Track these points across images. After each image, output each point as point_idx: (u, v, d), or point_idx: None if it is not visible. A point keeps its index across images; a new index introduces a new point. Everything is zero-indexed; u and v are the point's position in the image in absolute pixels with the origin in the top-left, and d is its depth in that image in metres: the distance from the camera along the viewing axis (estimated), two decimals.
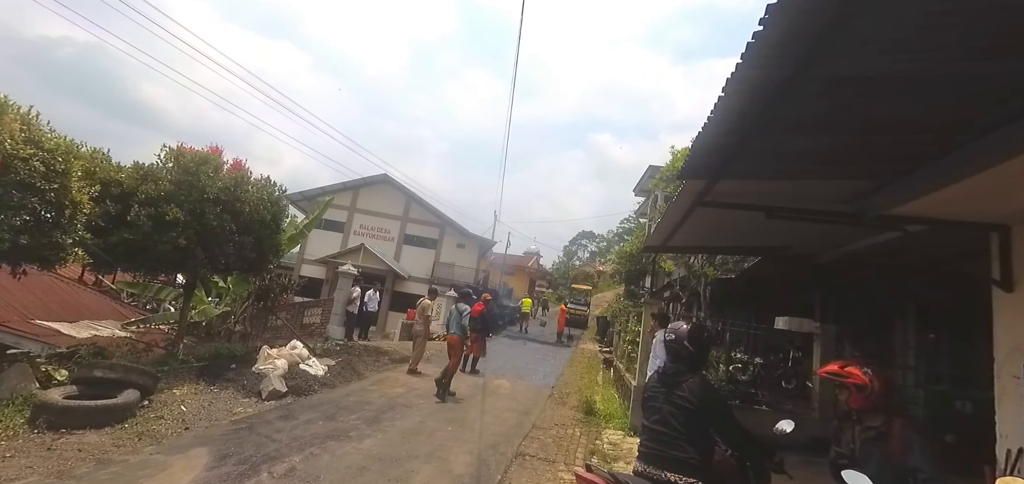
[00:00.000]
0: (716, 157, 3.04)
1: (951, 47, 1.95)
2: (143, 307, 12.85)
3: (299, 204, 24.82)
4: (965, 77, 2.14)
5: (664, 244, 6.93)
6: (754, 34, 1.86)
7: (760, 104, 2.31)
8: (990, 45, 1.92)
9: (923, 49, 1.96)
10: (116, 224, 6.40)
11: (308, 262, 25.18)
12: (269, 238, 8.22)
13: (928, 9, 1.75)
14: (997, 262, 2.94)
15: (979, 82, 2.18)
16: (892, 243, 4.49)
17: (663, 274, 14.43)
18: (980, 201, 2.76)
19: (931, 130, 2.60)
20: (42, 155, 4.83)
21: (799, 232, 5.34)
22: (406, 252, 27.02)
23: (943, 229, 3.25)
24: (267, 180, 8.30)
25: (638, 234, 20.69)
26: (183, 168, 7.02)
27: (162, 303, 12.74)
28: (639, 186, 22.94)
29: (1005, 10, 1.74)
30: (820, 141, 2.96)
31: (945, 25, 1.82)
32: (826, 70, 2.09)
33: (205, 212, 6.83)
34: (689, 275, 10.89)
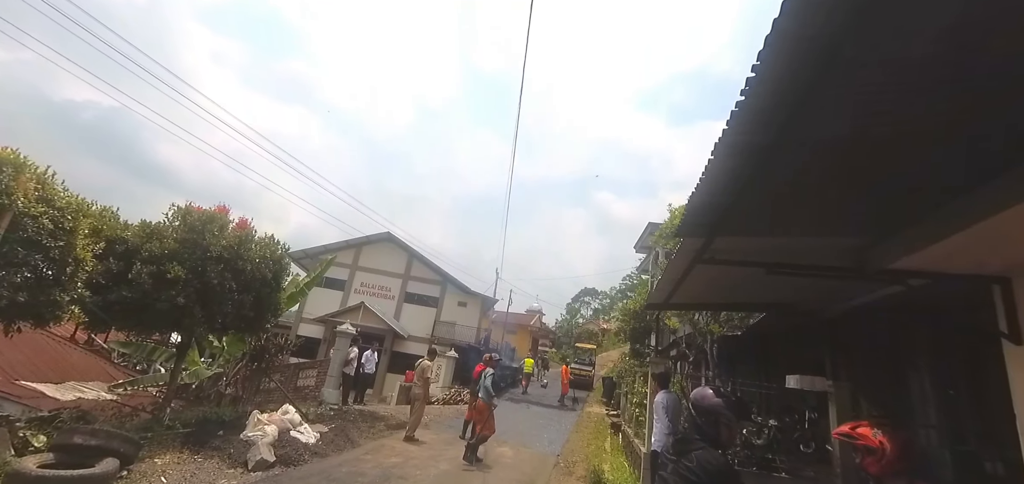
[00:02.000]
0: (711, 215, 3.09)
1: (926, 108, 2.04)
2: (133, 368, 12.60)
3: (301, 262, 24.96)
4: (945, 135, 2.21)
5: (667, 301, 6.86)
6: (737, 103, 1.95)
7: (749, 166, 2.38)
8: (961, 107, 2.00)
9: (901, 111, 2.05)
10: (116, 282, 6.41)
11: (307, 321, 24.91)
12: (269, 296, 8.18)
13: (899, 77, 1.85)
14: (1003, 315, 2.90)
15: (959, 140, 2.25)
16: (898, 297, 4.45)
17: (668, 331, 14.17)
18: (977, 254, 2.77)
19: (920, 185, 2.65)
20: (52, 213, 4.94)
21: (802, 288, 5.30)
22: (406, 310, 26.78)
23: (945, 282, 3.23)
24: (271, 238, 8.40)
25: (641, 290, 20.55)
26: (189, 226, 7.13)
27: (153, 364, 12.49)
28: (640, 243, 23.09)
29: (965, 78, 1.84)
30: (812, 199, 3.01)
31: (917, 89, 1.91)
32: (809, 133, 2.17)
33: (207, 270, 6.86)
34: (694, 332, 10.70)
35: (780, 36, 1.77)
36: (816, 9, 1.66)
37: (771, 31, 1.79)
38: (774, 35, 1.79)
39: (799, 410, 8.69)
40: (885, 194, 2.88)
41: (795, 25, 1.73)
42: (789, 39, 1.77)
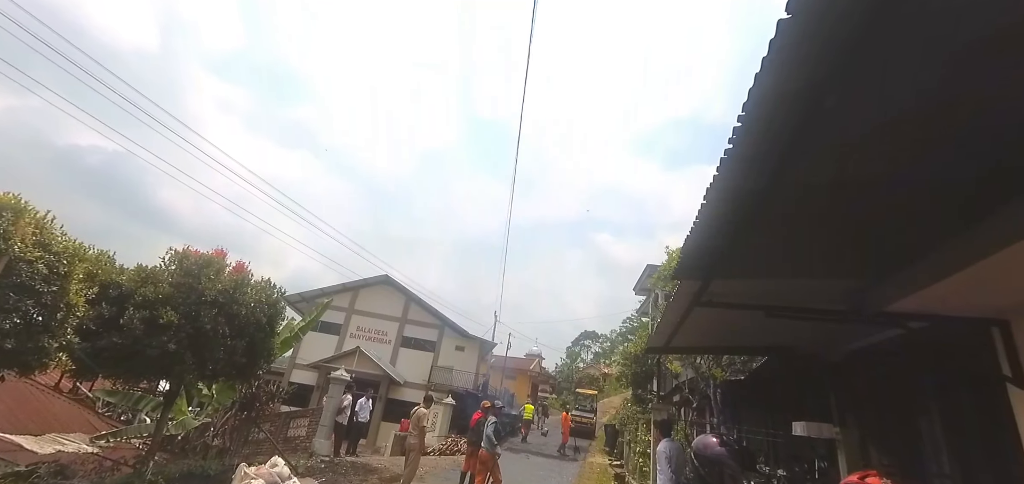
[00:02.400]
0: (707, 258, 3.11)
1: (912, 150, 2.10)
2: (118, 418, 12.20)
3: (297, 306, 24.71)
4: (930, 179, 2.26)
5: (667, 345, 6.77)
6: (725, 151, 2.00)
7: (741, 210, 2.42)
8: (943, 153, 2.06)
9: (884, 157, 2.11)
10: (107, 327, 6.31)
11: (300, 367, 24.39)
12: (263, 341, 8.05)
13: (880, 127, 1.92)
14: (1005, 358, 2.86)
15: (946, 183, 2.30)
16: (899, 339, 4.40)
17: (670, 376, 13.90)
18: (973, 296, 2.77)
19: (911, 228, 2.68)
20: (48, 258, 4.93)
21: (802, 330, 5.26)
22: (403, 355, 26.29)
23: (944, 325, 3.21)
24: (267, 282, 8.35)
25: (641, 333, 20.29)
26: (185, 270, 7.10)
27: (139, 414, 12.10)
28: (639, 285, 23.02)
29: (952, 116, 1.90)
30: (806, 241, 3.04)
31: (898, 138, 1.97)
32: (797, 178, 2.22)
33: (200, 315, 6.77)
34: (697, 377, 10.49)
35: (762, 89, 1.84)
36: (794, 66, 1.73)
37: (754, 84, 1.87)
38: (756, 88, 1.87)
39: (808, 458, 8.38)
40: (878, 236, 2.91)
41: (775, 79, 1.80)
42: (770, 92, 1.84)
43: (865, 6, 1.50)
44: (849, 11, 1.53)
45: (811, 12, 1.56)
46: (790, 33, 1.66)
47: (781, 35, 1.68)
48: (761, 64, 1.80)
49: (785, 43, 1.69)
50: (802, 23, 1.60)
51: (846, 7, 1.52)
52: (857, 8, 1.52)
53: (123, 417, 12.35)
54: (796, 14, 1.59)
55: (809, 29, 1.61)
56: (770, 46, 1.73)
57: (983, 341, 3.06)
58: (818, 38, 1.64)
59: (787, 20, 1.64)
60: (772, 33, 1.67)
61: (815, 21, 1.59)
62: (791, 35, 1.66)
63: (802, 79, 1.78)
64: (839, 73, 1.73)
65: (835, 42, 1.63)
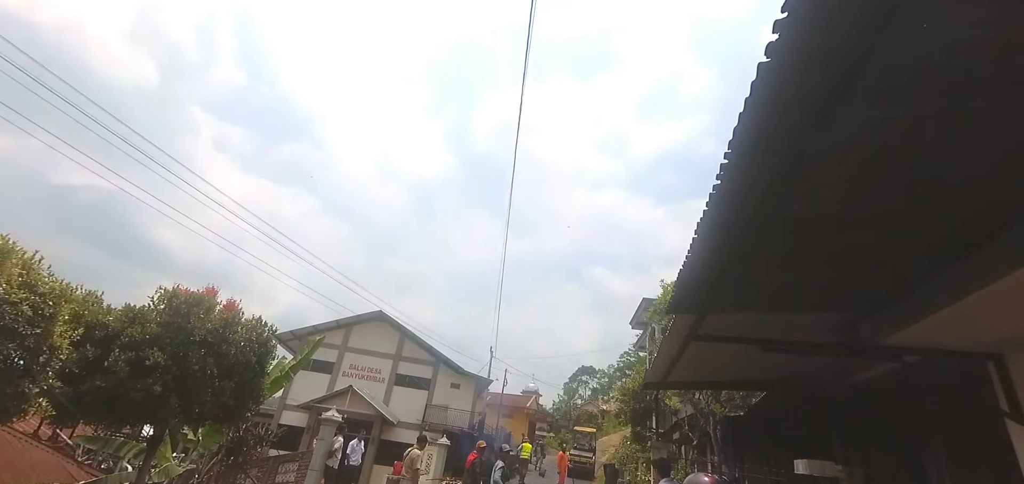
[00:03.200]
0: (701, 292, 3.11)
1: (897, 186, 2.14)
2: (98, 466, 11.70)
3: (289, 344, 24.24)
4: (913, 216, 2.30)
5: (664, 380, 6.67)
6: (714, 186, 2.04)
7: (732, 243, 2.44)
8: (922, 192, 2.11)
9: (872, 188, 2.15)
10: (91, 370, 6.13)
11: (290, 408, 23.68)
12: (252, 382, 7.84)
13: (859, 167, 1.97)
14: (1002, 393, 2.83)
15: (935, 217, 2.34)
16: (899, 374, 4.36)
17: (669, 412, 13.64)
18: (964, 330, 2.76)
19: (901, 262, 2.71)
20: (33, 299, 4.83)
21: (801, 364, 5.21)
22: (397, 394, 25.66)
23: (940, 359, 3.19)
24: (258, 320, 8.21)
25: (639, 369, 20.01)
26: (174, 310, 6.98)
27: (120, 461, 11.62)
28: (635, 319, 22.90)
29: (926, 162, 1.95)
30: (799, 275, 3.06)
31: (883, 168, 2.02)
32: (785, 211, 2.25)
33: (188, 355, 6.61)
34: (697, 413, 10.30)
35: (745, 127, 1.89)
36: (776, 106, 1.79)
37: (738, 122, 1.92)
38: (740, 126, 1.92)
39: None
40: (869, 270, 2.93)
41: (758, 118, 1.85)
42: (753, 130, 1.89)
43: (841, 52, 1.57)
44: (827, 55, 1.59)
45: (790, 55, 1.63)
46: (770, 75, 1.72)
47: (761, 77, 1.74)
48: (744, 104, 1.85)
49: (765, 84, 1.75)
50: (781, 65, 1.66)
51: (823, 51, 1.59)
52: (834, 53, 1.58)
53: (104, 465, 11.85)
54: (775, 57, 1.66)
55: (788, 72, 1.67)
56: (752, 87, 1.79)
57: (980, 376, 3.04)
58: (796, 81, 1.70)
59: (766, 63, 1.70)
60: (754, 75, 1.74)
61: (794, 64, 1.65)
62: (771, 77, 1.72)
63: (783, 118, 1.84)
64: (819, 112, 1.79)
65: (814, 83, 1.69)
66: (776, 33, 1.59)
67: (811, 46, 1.58)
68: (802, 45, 1.59)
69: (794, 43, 1.58)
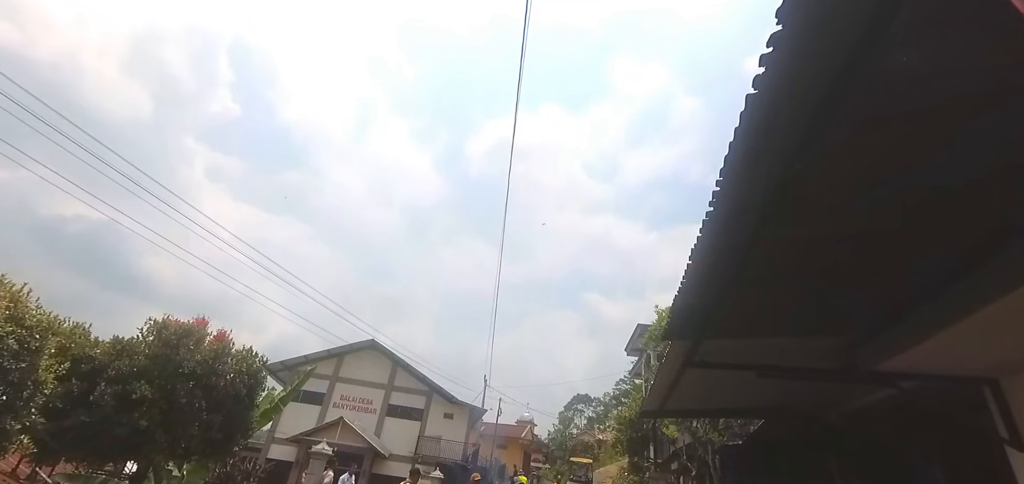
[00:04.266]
0: (696, 318, 3.12)
1: (881, 215, 2.20)
2: None
3: (279, 374, 23.71)
4: (909, 238, 2.35)
5: (661, 408, 6.60)
6: (707, 213, 2.08)
7: (726, 268, 2.47)
8: (912, 218, 2.16)
9: (861, 213, 2.20)
10: (76, 405, 5.96)
11: (279, 441, 22.99)
12: (241, 415, 7.66)
13: (852, 182, 2.02)
14: (1000, 419, 2.82)
15: (918, 243, 2.39)
16: (894, 399, 4.35)
17: (667, 441, 13.41)
18: (959, 355, 2.78)
19: (894, 286, 2.75)
20: (20, 333, 4.73)
21: (798, 391, 5.18)
22: (389, 425, 25.06)
23: (937, 385, 3.20)
24: (249, 351, 8.08)
25: (635, 396, 19.78)
26: (164, 341, 6.86)
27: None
28: (630, 345, 22.76)
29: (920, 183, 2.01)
30: (795, 300, 3.08)
31: (870, 194, 2.07)
32: (778, 236, 2.29)
33: (176, 388, 6.47)
34: (695, 442, 10.14)
35: (735, 155, 1.95)
36: (763, 135, 1.85)
37: (728, 150, 1.98)
38: (731, 154, 1.97)
39: None
40: (863, 295, 2.96)
41: (746, 146, 1.91)
42: (743, 158, 1.94)
43: (826, 83, 1.63)
44: (812, 86, 1.66)
45: (777, 87, 1.69)
46: (758, 106, 1.78)
47: (750, 108, 1.80)
48: (734, 133, 1.92)
49: (753, 115, 1.81)
50: (768, 97, 1.73)
51: (808, 83, 1.65)
52: (819, 84, 1.64)
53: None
54: (762, 88, 1.72)
55: (774, 102, 1.74)
56: (740, 117, 1.85)
57: (977, 402, 3.04)
58: (783, 111, 1.76)
59: (754, 95, 1.77)
60: (741, 104, 1.80)
61: (779, 96, 1.72)
62: (759, 108, 1.78)
63: (771, 146, 1.89)
64: (807, 140, 1.85)
65: (801, 113, 1.75)
66: (763, 66, 1.66)
67: (797, 78, 1.65)
68: (788, 77, 1.65)
69: (780, 76, 1.65)
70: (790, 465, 8.58)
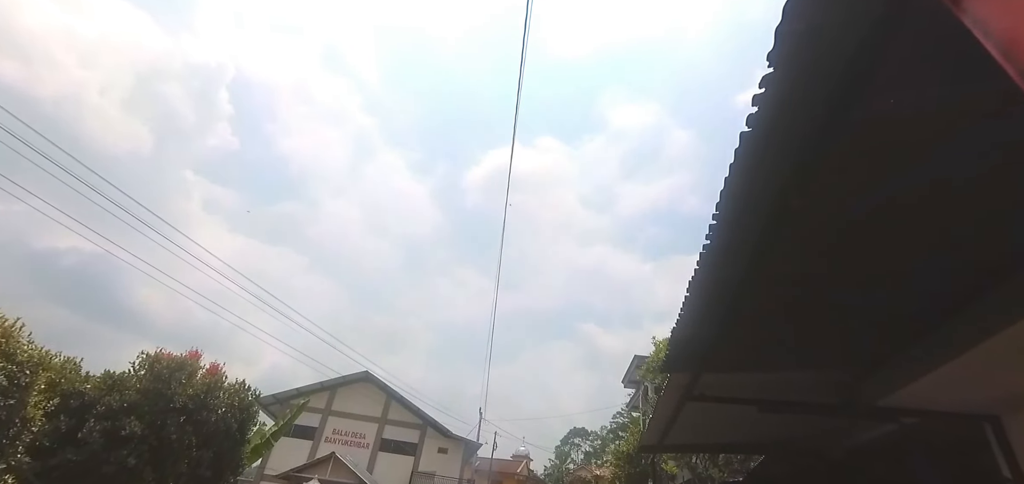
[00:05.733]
0: (696, 350, 3.12)
1: (882, 248, 2.24)
2: None
3: (270, 408, 23.14)
4: (907, 274, 2.39)
5: (661, 443, 6.47)
6: (704, 246, 2.12)
7: (724, 300, 2.50)
8: (916, 247, 2.21)
9: (857, 250, 2.24)
10: (63, 443, 5.78)
11: (269, 478, 22.22)
12: (231, 451, 7.44)
13: (849, 219, 2.07)
14: (1001, 456, 2.80)
15: (923, 279, 2.43)
16: (895, 435, 4.31)
17: (666, 477, 13.08)
18: (959, 390, 2.79)
19: (895, 322, 2.77)
20: (10, 368, 4.63)
21: (799, 426, 5.11)
22: (382, 461, 24.34)
23: (939, 421, 3.18)
24: (241, 384, 7.92)
25: (633, 430, 19.37)
26: (156, 376, 6.71)
27: None
28: (627, 377, 22.46)
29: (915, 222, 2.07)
30: (791, 332, 3.10)
31: (866, 231, 2.12)
32: (775, 269, 2.33)
33: (167, 424, 6.30)
34: (694, 479, 9.91)
35: (731, 190, 2.00)
36: (758, 173, 1.91)
37: (724, 186, 2.04)
38: (726, 190, 2.03)
39: None
40: (862, 330, 2.98)
41: (742, 182, 1.96)
42: (739, 193, 1.99)
43: (817, 121, 1.70)
44: (803, 126, 1.72)
45: (770, 126, 1.75)
46: (752, 144, 1.84)
47: (744, 145, 1.86)
48: (729, 169, 1.97)
49: (748, 153, 1.87)
50: (762, 134, 1.79)
51: (799, 123, 1.71)
52: (810, 123, 1.71)
53: None
54: (755, 127, 1.79)
55: (768, 140, 1.79)
56: (735, 154, 1.91)
57: (979, 438, 3.02)
58: (777, 148, 1.82)
59: (748, 133, 1.83)
60: (735, 139, 1.86)
61: (773, 135, 1.77)
62: (752, 145, 1.84)
63: (766, 182, 1.95)
64: (800, 177, 1.90)
65: (793, 152, 1.81)
66: (755, 106, 1.73)
67: (789, 118, 1.71)
68: (781, 117, 1.71)
69: (773, 115, 1.71)
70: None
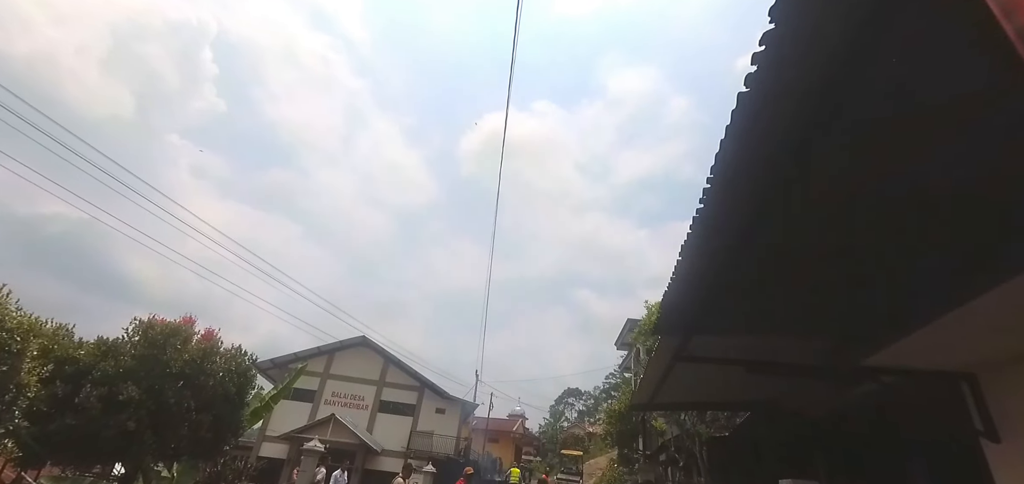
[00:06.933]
0: (686, 314, 3.16)
1: (867, 216, 2.24)
2: None
3: (269, 373, 23.47)
4: (887, 241, 2.40)
5: (651, 401, 6.68)
6: (697, 210, 2.10)
7: (715, 266, 2.50)
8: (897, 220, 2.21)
9: (843, 218, 2.24)
10: (61, 408, 5.83)
11: (270, 439, 22.81)
12: (231, 414, 7.56)
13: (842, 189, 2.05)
14: (976, 412, 2.92)
15: (903, 245, 2.44)
16: (877, 395, 4.46)
17: (656, 434, 13.58)
18: (938, 351, 2.86)
19: (880, 287, 2.80)
20: (1, 335, 4.62)
21: (786, 386, 5.28)
22: (381, 421, 25.00)
23: (918, 380, 3.28)
24: (238, 349, 7.97)
25: (625, 390, 19.95)
26: (150, 341, 6.73)
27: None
28: (620, 340, 22.95)
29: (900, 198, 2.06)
30: (783, 297, 3.13)
31: (859, 201, 2.11)
32: (766, 236, 2.32)
33: (164, 389, 6.36)
34: (682, 434, 10.29)
35: (726, 155, 1.97)
36: (755, 135, 1.87)
37: (719, 150, 2.00)
38: (721, 154, 1.99)
39: None
40: (849, 294, 3.02)
41: (738, 147, 1.93)
42: (733, 159, 1.96)
43: (816, 86, 1.65)
44: (802, 88, 1.67)
45: (768, 87, 1.70)
46: (749, 105, 1.79)
47: (741, 107, 1.81)
48: (725, 131, 1.92)
49: (744, 115, 1.82)
50: (759, 96, 1.73)
51: (799, 84, 1.66)
52: (810, 87, 1.65)
53: None
54: (753, 87, 1.73)
55: (767, 102, 1.74)
56: (731, 116, 1.86)
57: (956, 396, 3.13)
58: (773, 112, 1.77)
59: (746, 93, 1.77)
60: (733, 104, 1.81)
61: (771, 95, 1.72)
62: (750, 107, 1.79)
63: (761, 147, 1.91)
64: (795, 142, 1.87)
65: (789, 115, 1.77)
66: (755, 65, 1.67)
67: (787, 79, 1.65)
68: (779, 78, 1.65)
69: (773, 75, 1.65)
70: (776, 457, 8.75)
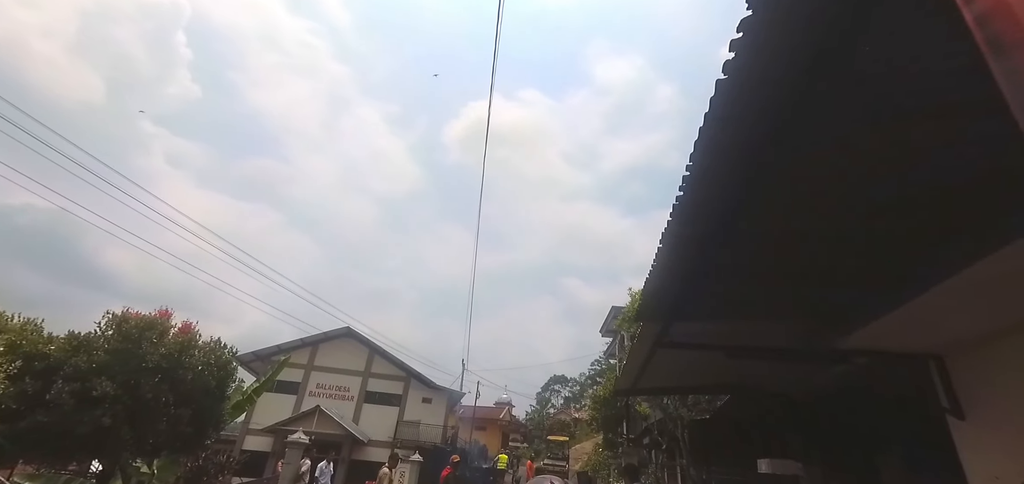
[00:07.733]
0: (667, 301, 3.20)
1: (843, 204, 2.28)
2: None
3: (251, 366, 23.16)
4: (861, 228, 2.45)
5: (634, 386, 6.78)
6: (677, 198, 2.11)
7: (694, 254, 2.53)
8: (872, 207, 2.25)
9: (820, 206, 2.28)
10: (31, 405, 5.65)
11: (254, 432, 22.56)
12: (211, 408, 7.45)
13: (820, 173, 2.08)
14: (942, 391, 3.05)
15: (876, 232, 2.50)
16: (851, 375, 4.60)
17: (640, 418, 13.85)
18: (906, 334, 2.96)
19: (854, 272, 2.87)
20: None
21: (765, 369, 5.40)
22: (367, 412, 24.93)
23: (887, 361, 3.40)
24: (217, 342, 7.83)
25: (610, 376, 20.26)
26: (124, 335, 6.55)
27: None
28: (605, 327, 23.24)
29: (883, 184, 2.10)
30: (760, 284, 3.19)
31: (835, 186, 2.14)
32: (744, 223, 2.35)
33: (141, 383, 6.22)
34: (665, 418, 10.50)
35: (705, 143, 1.97)
36: (732, 123, 1.87)
37: (698, 137, 2.00)
38: (700, 141, 2.00)
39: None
40: (824, 279, 3.09)
41: (716, 134, 1.93)
42: (712, 146, 1.97)
43: (795, 73, 1.65)
44: (781, 76, 1.67)
45: (747, 74, 1.70)
46: (728, 92, 1.79)
47: (719, 94, 1.82)
48: (704, 119, 1.93)
49: (723, 102, 1.83)
50: (738, 84, 1.74)
51: (778, 72, 1.67)
52: (788, 74, 1.66)
53: None
54: (732, 75, 1.73)
55: (744, 90, 1.75)
56: (710, 103, 1.87)
57: (924, 376, 3.25)
58: (753, 99, 1.78)
59: (724, 81, 1.78)
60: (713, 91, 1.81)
61: (750, 83, 1.73)
62: (729, 94, 1.79)
63: (740, 134, 1.92)
64: (774, 129, 1.88)
65: (769, 102, 1.78)
66: (733, 52, 1.67)
67: (767, 65, 1.66)
68: (758, 64, 1.67)
69: (750, 63, 1.66)
70: (756, 438, 9.01)
